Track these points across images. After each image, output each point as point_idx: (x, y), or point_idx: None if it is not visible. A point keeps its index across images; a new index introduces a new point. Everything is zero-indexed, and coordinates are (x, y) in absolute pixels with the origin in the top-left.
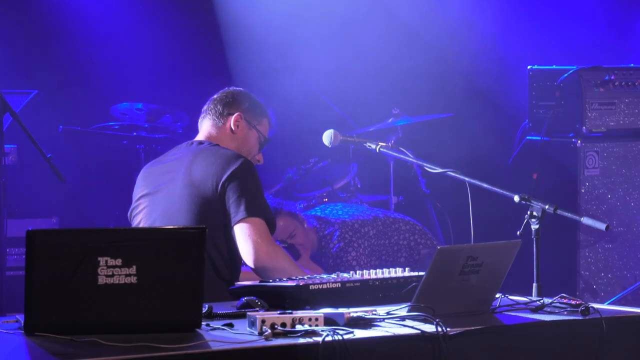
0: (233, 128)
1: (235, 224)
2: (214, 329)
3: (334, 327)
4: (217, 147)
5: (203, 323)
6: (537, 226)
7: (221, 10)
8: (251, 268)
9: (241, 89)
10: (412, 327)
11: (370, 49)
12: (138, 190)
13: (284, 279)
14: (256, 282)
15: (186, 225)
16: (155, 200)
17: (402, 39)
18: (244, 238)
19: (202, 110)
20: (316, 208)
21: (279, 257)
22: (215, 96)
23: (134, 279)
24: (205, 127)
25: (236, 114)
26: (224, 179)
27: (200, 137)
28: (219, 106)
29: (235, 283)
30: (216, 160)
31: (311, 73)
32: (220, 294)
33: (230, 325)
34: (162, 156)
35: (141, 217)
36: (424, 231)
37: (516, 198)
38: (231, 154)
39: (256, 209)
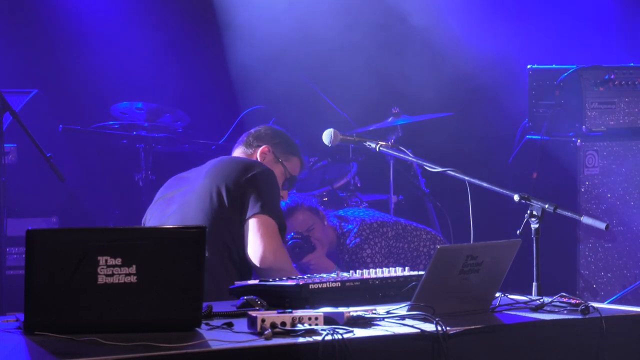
0: (259, 159)
1: (249, 218)
2: (214, 328)
3: (333, 327)
4: (242, 157)
5: (203, 322)
6: (537, 225)
7: (220, 10)
8: (254, 265)
9: (278, 127)
10: (412, 327)
11: (370, 48)
12: (158, 195)
13: (284, 278)
14: (256, 282)
15: (201, 218)
16: (173, 198)
17: (402, 38)
18: (255, 234)
19: (237, 140)
20: (339, 210)
21: (284, 259)
22: (251, 130)
23: (133, 279)
24: (235, 153)
25: (264, 146)
26: (245, 178)
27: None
28: (250, 137)
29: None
30: (239, 164)
31: (311, 72)
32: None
33: (230, 325)
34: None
35: (154, 212)
36: (446, 243)
37: (516, 197)
38: (256, 161)
39: (271, 210)
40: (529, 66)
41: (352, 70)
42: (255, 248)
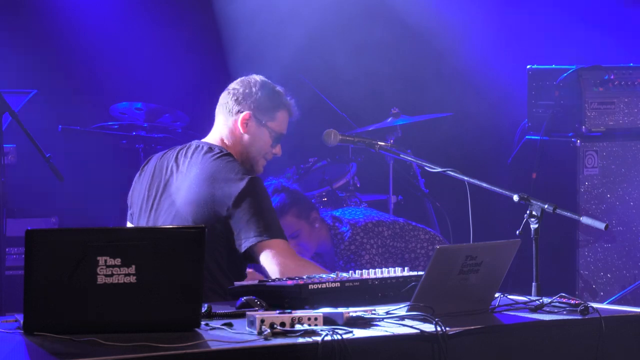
0: (241, 129)
1: (253, 246)
2: (213, 328)
3: (333, 327)
4: (225, 160)
5: (202, 323)
6: (536, 225)
7: (220, 10)
8: None
9: (258, 78)
10: (411, 327)
11: (369, 48)
12: (144, 184)
13: (284, 278)
14: (255, 282)
15: None
16: (161, 206)
17: (402, 38)
18: (270, 261)
19: (219, 98)
20: (338, 210)
21: (307, 268)
22: (230, 86)
23: (133, 279)
24: (218, 123)
25: (244, 114)
26: (230, 203)
27: (211, 137)
28: (230, 102)
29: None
30: (222, 180)
31: (310, 72)
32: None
33: (230, 325)
34: (175, 150)
35: (144, 212)
36: (444, 242)
37: (515, 197)
38: (237, 173)
39: (273, 231)
40: (528, 66)
41: (352, 70)
42: (276, 275)
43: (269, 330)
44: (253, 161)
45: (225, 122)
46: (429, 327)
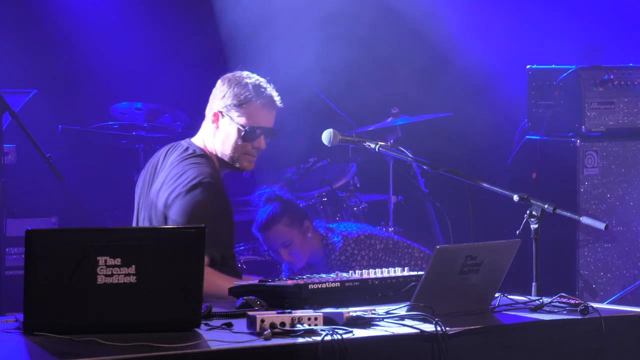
0: (214, 127)
1: None
2: (213, 328)
3: (333, 327)
4: (187, 162)
5: (202, 322)
6: (536, 225)
7: (220, 9)
8: None
9: (231, 75)
10: (411, 327)
11: (369, 48)
12: (141, 182)
13: (284, 278)
14: (255, 282)
15: None
16: (145, 209)
17: (402, 38)
18: None
19: None
20: (335, 223)
21: (212, 286)
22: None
23: (133, 279)
24: (204, 120)
25: (214, 112)
26: (170, 208)
27: (196, 136)
28: (210, 101)
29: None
30: (172, 185)
31: (310, 72)
32: None
33: (230, 325)
34: (166, 148)
35: (136, 210)
36: None
37: (515, 197)
38: (187, 179)
39: None
40: (528, 66)
41: (352, 70)
42: None
43: (269, 330)
44: (234, 159)
45: (206, 121)
46: (429, 327)
